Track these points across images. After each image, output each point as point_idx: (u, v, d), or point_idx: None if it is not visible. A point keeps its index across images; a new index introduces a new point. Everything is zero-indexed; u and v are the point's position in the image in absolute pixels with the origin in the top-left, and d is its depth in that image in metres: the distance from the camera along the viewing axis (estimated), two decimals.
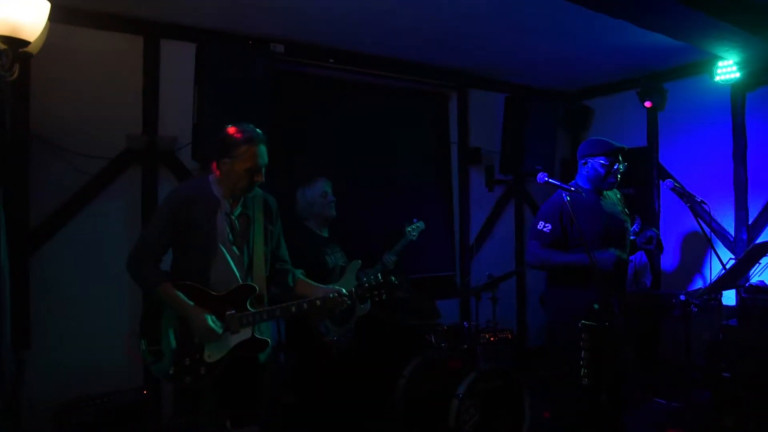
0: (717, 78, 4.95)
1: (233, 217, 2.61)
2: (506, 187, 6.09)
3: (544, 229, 3.23)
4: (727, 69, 4.88)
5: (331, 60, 4.83)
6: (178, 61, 4.13)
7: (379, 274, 2.70)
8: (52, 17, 2.79)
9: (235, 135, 2.55)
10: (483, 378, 3.67)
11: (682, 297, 4.65)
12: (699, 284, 5.32)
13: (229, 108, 3.99)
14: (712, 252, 3.55)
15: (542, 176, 3.04)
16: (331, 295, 2.60)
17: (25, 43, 2.54)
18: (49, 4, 2.62)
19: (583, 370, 2.93)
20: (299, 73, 4.77)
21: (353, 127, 5.12)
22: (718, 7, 3.74)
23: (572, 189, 3.12)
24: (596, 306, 2.94)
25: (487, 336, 4.30)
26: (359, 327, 3.73)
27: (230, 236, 2.58)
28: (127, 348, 2.57)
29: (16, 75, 2.62)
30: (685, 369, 4.59)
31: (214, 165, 2.58)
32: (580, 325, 2.92)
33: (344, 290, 2.63)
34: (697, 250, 5.40)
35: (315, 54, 4.75)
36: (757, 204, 5.10)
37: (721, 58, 4.85)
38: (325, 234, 3.75)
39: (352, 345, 3.68)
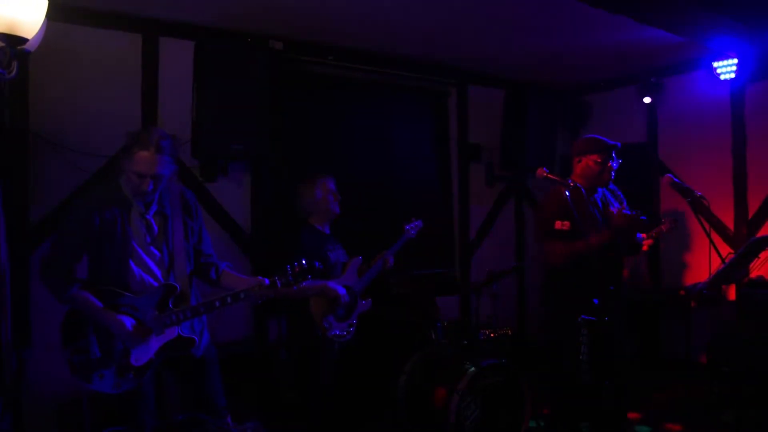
0: (716, 73, 4.95)
1: (148, 217, 2.55)
2: (506, 183, 6.09)
3: (563, 227, 3.19)
4: (727, 64, 4.88)
5: (331, 57, 4.83)
6: (177, 58, 4.13)
7: (303, 261, 2.62)
8: (51, 15, 2.78)
9: (138, 136, 2.50)
10: (483, 374, 3.68)
11: (682, 292, 4.66)
12: (699, 279, 5.32)
13: (228, 105, 4.00)
14: (712, 247, 3.54)
15: (542, 172, 3.04)
16: (255, 290, 2.55)
17: (23, 40, 2.53)
18: (46, 1, 2.61)
19: (583, 365, 2.94)
20: (298, 70, 4.76)
21: (353, 124, 5.13)
22: (718, 2, 3.74)
23: (570, 184, 3.13)
24: (596, 301, 2.95)
25: (487, 332, 4.30)
26: (360, 323, 3.74)
27: (147, 237, 2.54)
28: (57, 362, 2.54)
29: (14, 72, 2.62)
30: (685, 364, 4.61)
31: (122, 162, 2.52)
32: (579, 320, 2.93)
33: (267, 280, 2.57)
34: (696, 246, 5.40)
35: (314, 51, 4.75)
36: (757, 199, 5.10)
37: (721, 54, 4.85)
38: (327, 230, 3.76)
39: (354, 341, 3.69)
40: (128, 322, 2.43)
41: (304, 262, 2.59)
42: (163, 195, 2.60)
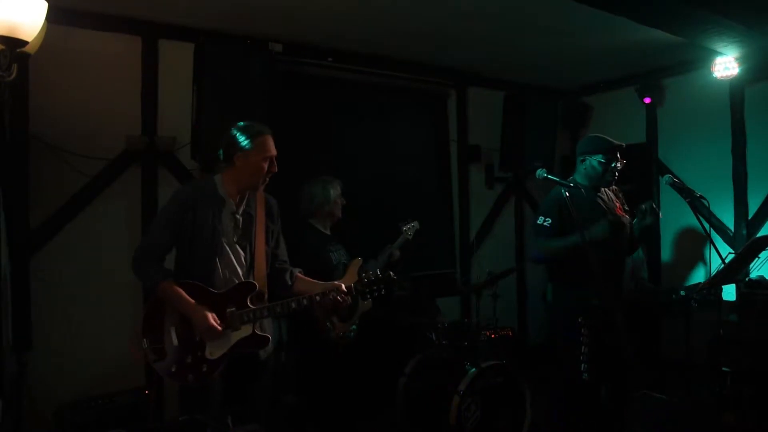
0: (716, 74, 4.95)
1: (238, 216, 2.63)
2: (506, 184, 6.10)
3: (545, 224, 3.24)
4: (726, 65, 4.87)
5: (330, 59, 4.83)
6: (177, 61, 4.13)
7: (378, 270, 2.72)
8: (50, 18, 2.79)
9: (249, 128, 2.62)
10: (484, 375, 3.68)
11: (682, 293, 4.66)
12: (699, 280, 5.32)
13: (228, 107, 3.99)
14: (712, 247, 3.54)
15: (541, 172, 3.05)
16: (331, 294, 2.63)
17: (23, 43, 2.54)
18: (46, 4, 2.62)
19: (583, 366, 2.94)
20: (298, 72, 4.76)
21: (352, 126, 5.13)
22: (718, 3, 3.74)
23: (571, 185, 3.13)
24: (596, 302, 2.95)
25: (487, 333, 4.30)
26: (361, 325, 3.75)
27: (234, 235, 2.61)
28: (132, 350, 2.58)
29: (14, 75, 2.62)
30: (685, 364, 4.59)
31: (227, 161, 2.61)
32: (580, 321, 2.93)
33: (344, 285, 2.67)
34: (696, 246, 5.40)
35: (314, 53, 4.75)
36: (757, 199, 5.10)
37: (720, 54, 4.84)
38: (328, 232, 3.78)
39: (355, 342, 3.70)
40: (210, 315, 2.47)
41: (378, 271, 2.72)
42: (249, 195, 2.68)
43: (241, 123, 2.66)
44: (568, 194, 3.05)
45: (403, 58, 5.18)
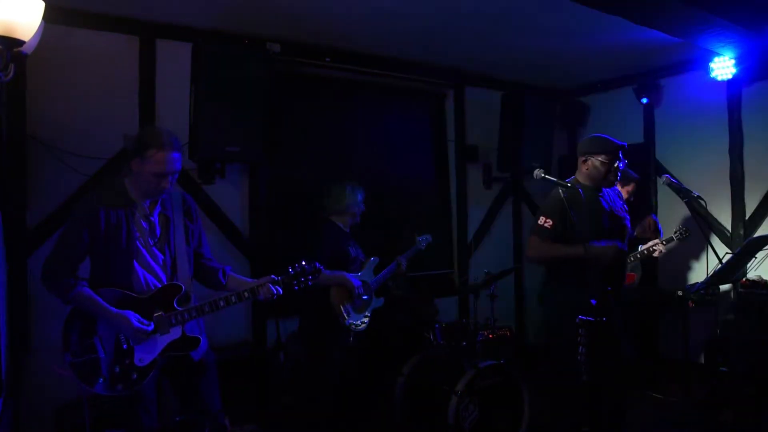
0: (713, 74, 4.96)
1: (152, 219, 2.58)
2: (504, 184, 6.10)
3: (545, 225, 3.23)
4: (724, 65, 4.89)
5: (328, 59, 4.83)
6: (175, 61, 4.12)
7: (303, 262, 2.77)
8: (48, 18, 2.78)
9: (149, 137, 2.52)
10: (482, 375, 3.68)
11: (680, 293, 4.67)
12: (696, 280, 5.33)
13: (226, 107, 3.99)
14: (709, 247, 3.55)
15: (539, 173, 3.05)
16: (261, 288, 2.65)
17: (20, 42, 2.53)
18: (43, 4, 2.61)
19: (581, 366, 2.93)
20: (296, 72, 4.76)
21: (350, 126, 5.13)
22: (715, 3, 3.75)
23: (568, 185, 3.12)
24: (594, 302, 2.94)
25: (485, 333, 4.31)
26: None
27: (150, 238, 2.56)
28: (55, 367, 2.51)
29: (11, 75, 2.61)
30: (683, 364, 4.61)
31: (130, 164, 2.54)
32: (577, 321, 2.93)
33: (274, 276, 2.69)
34: (694, 246, 5.41)
35: (311, 53, 4.75)
36: (754, 199, 5.11)
37: (718, 54, 4.86)
38: (347, 230, 3.89)
39: (355, 341, 3.75)
40: (134, 318, 2.43)
41: (304, 263, 2.73)
42: (164, 197, 2.63)
43: (152, 127, 2.63)
44: (565, 195, 3.05)
45: (400, 58, 5.18)
